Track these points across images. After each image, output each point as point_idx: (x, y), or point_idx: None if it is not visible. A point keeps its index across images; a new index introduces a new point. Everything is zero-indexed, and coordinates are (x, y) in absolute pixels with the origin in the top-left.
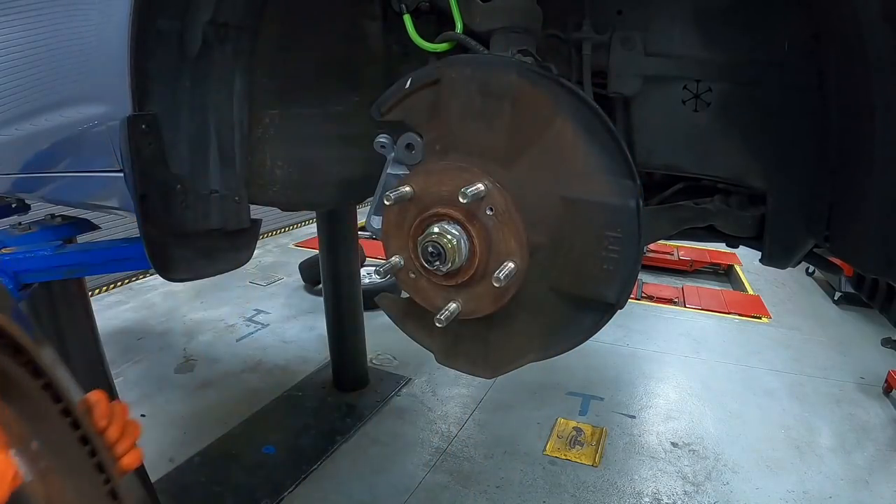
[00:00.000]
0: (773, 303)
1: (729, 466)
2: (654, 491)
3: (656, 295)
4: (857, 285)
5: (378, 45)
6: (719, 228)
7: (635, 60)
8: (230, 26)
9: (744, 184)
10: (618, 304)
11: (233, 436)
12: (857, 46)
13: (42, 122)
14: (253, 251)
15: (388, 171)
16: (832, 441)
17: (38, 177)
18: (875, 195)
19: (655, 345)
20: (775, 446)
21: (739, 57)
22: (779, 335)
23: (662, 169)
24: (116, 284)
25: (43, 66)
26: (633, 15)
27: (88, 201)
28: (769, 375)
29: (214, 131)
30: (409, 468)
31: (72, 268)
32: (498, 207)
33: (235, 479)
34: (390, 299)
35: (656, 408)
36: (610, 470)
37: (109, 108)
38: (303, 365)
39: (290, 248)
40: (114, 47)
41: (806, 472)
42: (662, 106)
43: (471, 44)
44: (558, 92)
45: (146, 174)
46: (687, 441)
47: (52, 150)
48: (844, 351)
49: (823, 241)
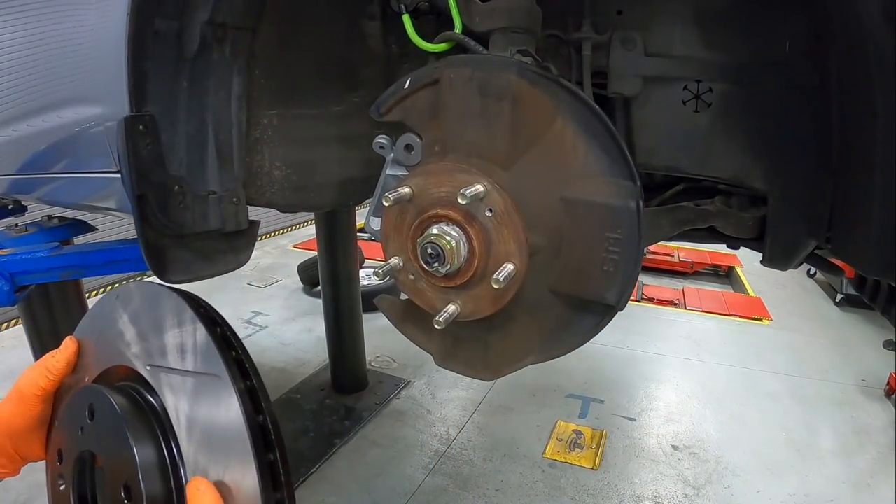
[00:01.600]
0: (774, 305)
1: (730, 469)
2: (654, 494)
3: (657, 297)
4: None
5: (377, 46)
6: (720, 230)
7: (635, 61)
8: (228, 26)
9: (745, 185)
10: (618, 306)
11: None
12: (858, 46)
13: (39, 123)
14: (251, 253)
15: (387, 171)
16: (834, 444)
17: (35, 178)
18: (877, 196)
19: (656, 347)
20: (776, 449)
21: (740, 57)
22: (780, 337)
23: (663, 170)
24: (114, 286)
25: (40, 66)
26: (634, 15)
27: (85, 202)
28: (770, 378)
29: (212, 132)
30: (408, 471)
31: (69, 269)
32: (497, 208)
33: None
34: (389, 301)
35: (656, 410)
36: (610, 473)
37: (107, 109)
38: (301, 367)
39: (288, 249)
40: (111, 47)
41: (807, 475)
42: (663, 106)
43: (470, 44)
44: (558, 92)
45: (144, 175)
46: (687, 444)
47: (49, 151)
48: (846, 353)
49: (825, 242)
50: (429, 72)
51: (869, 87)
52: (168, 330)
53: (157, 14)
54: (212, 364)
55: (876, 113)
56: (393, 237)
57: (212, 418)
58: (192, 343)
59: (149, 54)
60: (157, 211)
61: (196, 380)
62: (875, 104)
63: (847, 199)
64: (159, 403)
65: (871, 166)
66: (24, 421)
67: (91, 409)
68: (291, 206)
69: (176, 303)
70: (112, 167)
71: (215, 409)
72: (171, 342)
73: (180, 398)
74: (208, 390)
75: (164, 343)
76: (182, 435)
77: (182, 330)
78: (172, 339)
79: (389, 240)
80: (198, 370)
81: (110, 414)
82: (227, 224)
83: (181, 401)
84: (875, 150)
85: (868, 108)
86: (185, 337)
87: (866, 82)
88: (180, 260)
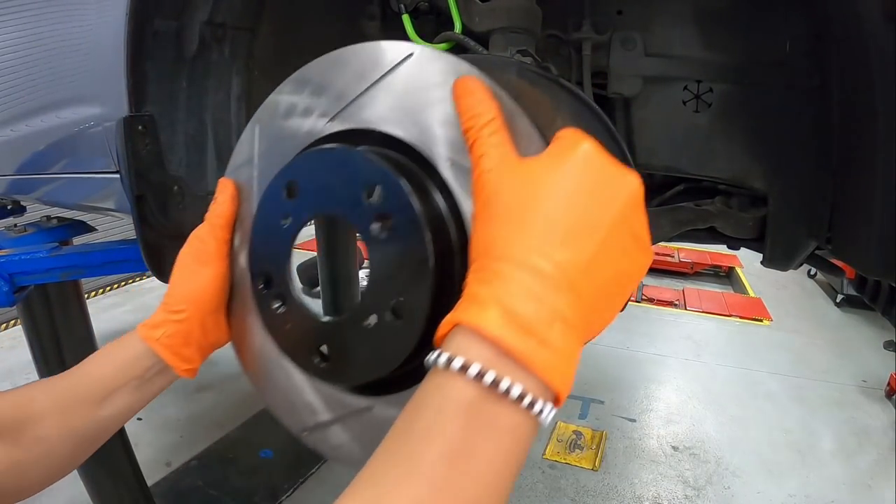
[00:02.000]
0: (775, 305)
1: (730, 470)
2: (654, 495)
3: (657, 297)
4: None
5: None
6: (720, 230)
7: (635, 61)
8: (227, 26)
9: (745, 185)
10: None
11: (230, 439)
12: (859, 46)
13: (38, 123)
14: None
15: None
16: (834, 445)
17: (34, 178)
18: (878, 196)
19: (656, 348)
20: (776, 450)
21: (741, 57)
22: (780, 338)
23: (663, 170)
24: (113, 287)
25: (39, 66)
26: (634, 15)
27: (85, 203)
28: (770, 378)
29: (212, 132)
30: None
31: (68, 270)
32: None
33: (232, 483)
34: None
35: (657, 411)
36: (610, 474)
37: (106, 109)
38: None
39: None
40: (110, 48)
41: (807, 476)
42: (663, 107)
43: (470, 44)
44: (558, 92)
45: (143, 175)
46: (688, 445)
47: (48, 151)
48: (846, 354)
49: (825, 242)
50: None
51: (869, 88)
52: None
53: (157, 14)
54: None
55: (876, 113)
56: None
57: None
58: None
59: (148, 54)
60: (156, 211)
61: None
62: (876, 104)
63: (848, 199)
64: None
65: (871, 166)
66: (214, 291)
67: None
68: None
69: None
70: (111, 167)
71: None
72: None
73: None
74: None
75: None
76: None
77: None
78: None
79: None
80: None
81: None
82: None
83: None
84: (876, 151)
85: (869, 108)
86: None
87: (867, 82)
88: None
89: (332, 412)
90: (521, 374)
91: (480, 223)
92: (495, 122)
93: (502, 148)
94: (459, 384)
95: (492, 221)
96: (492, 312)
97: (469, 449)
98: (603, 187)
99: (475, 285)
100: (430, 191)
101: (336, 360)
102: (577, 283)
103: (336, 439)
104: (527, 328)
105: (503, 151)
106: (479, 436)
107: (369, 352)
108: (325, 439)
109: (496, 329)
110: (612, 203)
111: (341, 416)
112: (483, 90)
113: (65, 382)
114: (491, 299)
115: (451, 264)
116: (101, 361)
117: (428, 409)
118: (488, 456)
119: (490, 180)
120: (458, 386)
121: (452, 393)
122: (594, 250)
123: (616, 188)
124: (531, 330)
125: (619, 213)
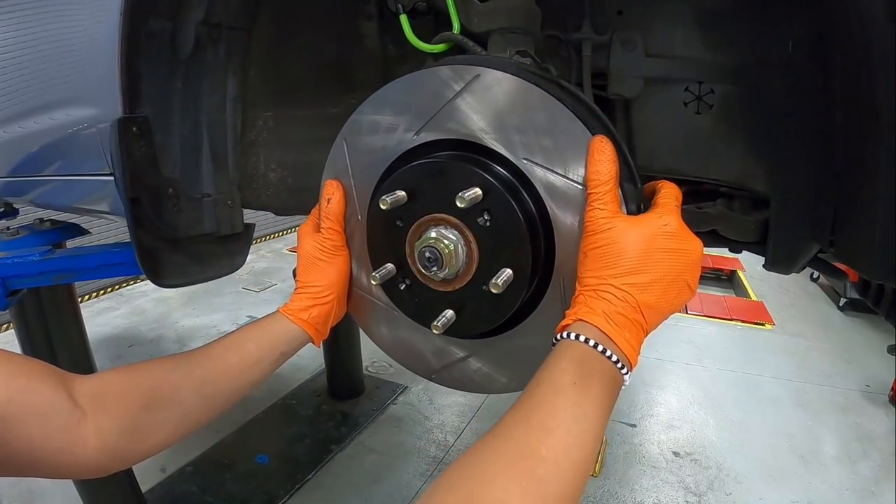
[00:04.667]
0: (777, 309)
1: (732, 476)
2: (655, 501)
3: None
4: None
5: (374, 46)
6: (722, 233)
7: (636, 62)
8: (223, 27)
9: (747, 188)
10: None
11: (225, 445)
12: (861, 47)
13: (30, 125)
14: (246, 256)
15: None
16: (837, 450)
17: (27, 180)
18: (881, 199)
19: (656, 352)
20: (779, 455)
21: (742, 58)
22: (782, 342)
23: (664, 172)
24: (107, 290)
25: (31, 67)
26: (634, 15)
27: (78, 205)
28: (773, 383)
29: (207, 134)
30: (406, 478)
31: (61, 273)
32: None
33: (228, 489)
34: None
35: (657, 416)
36: (610, 480)
37: (100, 111)
38: (297, 372)
39: (283, 253)
40: (104, 48)
41: (810, 481)
42: (664, 108)
43: (468, 44)
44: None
45: (137, 177)
46: (689, 450)
47: (41, 153)
48: (849, 358)
49: (828, 245)
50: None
51: (872, 89)
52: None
53: (151, 14)
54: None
55: (879, 115)
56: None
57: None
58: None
59: (142, 55)
60: (150, 214)
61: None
62: (878, 106)
63: (851, 202)
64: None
65: (875, 168)
66: (346, 276)
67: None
68: (287, 209)
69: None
70: (105, 169)
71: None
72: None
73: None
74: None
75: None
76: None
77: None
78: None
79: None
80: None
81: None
82: (221, 227)
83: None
84: (879, 152)
85: (871, 109)
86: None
87: (869, 84)
88: (174, 263)
89: (452, 355)
90: (613, 347)
91: (593, 254)
92: (612, 182)
93: (614, 205)
94: (578, 346)
95: (604, 258)
96: (600, 316)
97: (584, 381)
98: (678, 252)
99: (593, 300)
100: (516, 184)
101: (464, 317)
102: (647, 309)
103: (460, 373)
104: (618, 326)
105: (615, 208)
106: (590, 377)
107: (491, 306)
108: (451, 375)
109: (602, 324)
110: (680, 262)
111: (463, 357)
112: (612, 154)
113: (201, 357)
114: (600, 309)
115: (538, 239)
116: (240, 341)
117: (561, 360)
118: (594, 391)
119: (603, 226)
120: (577, 346)
121: (574, 352)
122: (661, 293)
123: (687, 252)
124: (620, 328)
125: (684, 269)
